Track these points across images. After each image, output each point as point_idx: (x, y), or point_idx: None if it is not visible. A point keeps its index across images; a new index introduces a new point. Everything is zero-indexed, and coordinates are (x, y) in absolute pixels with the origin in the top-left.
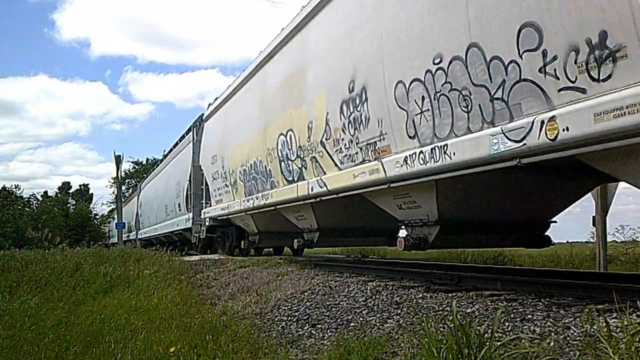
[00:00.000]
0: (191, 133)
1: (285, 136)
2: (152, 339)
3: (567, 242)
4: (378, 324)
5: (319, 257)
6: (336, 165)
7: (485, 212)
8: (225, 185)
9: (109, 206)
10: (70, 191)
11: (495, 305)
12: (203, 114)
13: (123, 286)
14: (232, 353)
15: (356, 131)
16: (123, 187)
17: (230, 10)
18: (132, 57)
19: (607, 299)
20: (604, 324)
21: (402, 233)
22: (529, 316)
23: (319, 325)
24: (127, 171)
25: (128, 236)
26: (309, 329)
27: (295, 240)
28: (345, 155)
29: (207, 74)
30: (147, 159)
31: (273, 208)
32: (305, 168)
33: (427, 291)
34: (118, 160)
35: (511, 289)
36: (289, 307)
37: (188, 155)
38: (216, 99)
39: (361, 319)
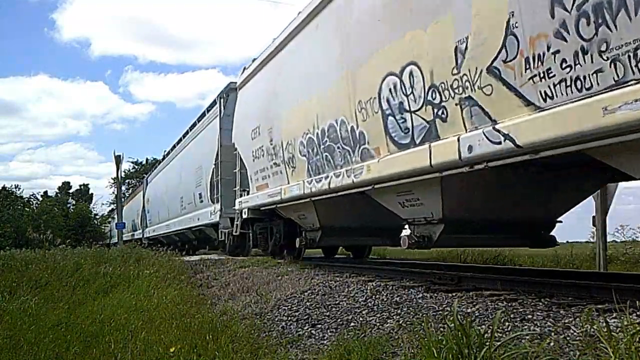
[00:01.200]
0: (217, 106)
1: (400, 76)
2: (152, 339)
3: (567, 242)
4: (378, 324)
5: (319, 257)
6: (529, 103)
7: None
8: (274, 164)
9: (109, 206)
10: (70, 191)
11: (495, 305)
12: (232, 83)
13: (123, 286)
14: (232, 353)
15: (602, 28)
16: (123, 187)
17: (231, 10)
18: (133, 57)
19: (607, 299)
20: (604, 324)
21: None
22: (529, 316)
23: (319, 325)
24: (127, 171)
25: (133, 235)
26: (309, 329)
27: (405, 237)
28: (562, 80)
29: (207, 74)
30: (147, 159)
31: (368, 188)
32: (444, 120)
33: (427, 291)
34: (118, 160)
35: (511, 289)
36: (289, 307)
37: (213, 134)
38: (254, 59)
39: (361, 319)
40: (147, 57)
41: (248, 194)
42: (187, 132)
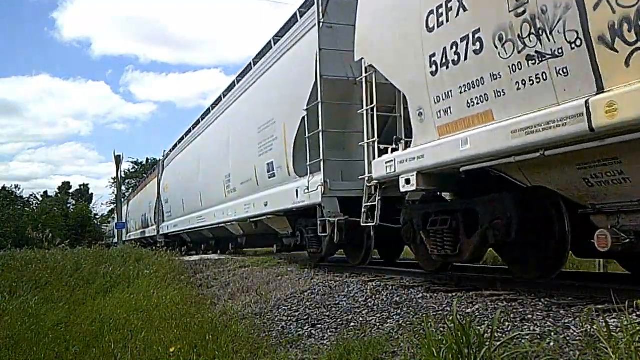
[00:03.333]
0: (313, 12)
1: None
2: (152, 339)
3: None
4: (378, 324)
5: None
6: None
7: None
8: (536, 56)
9: (109, 206)
10: (70, 191)
11: (495, 306)
12: None
13: (123, 286)
14: (232, 353)
15: None
16: (123, 187)
17: (233, 10)
18: (134, 57)
19: (607, 299)
20: (604, 324)
21: None
22: (529, 316)
23: (319, 325)
24: (127, 171)
25: (143, 233)
26: (309, 329)
27: None
28: None
29: (209, 73)
30: (147, 159)
31: None
32: None
33: (427, 291)
34: (118, 160)
35: (511, 289)
36: (289, 307)
37: (305, 59)
38: None
39: (361, 319)
40: (148, 57)
41: (405, 147)
42: (234, 84)
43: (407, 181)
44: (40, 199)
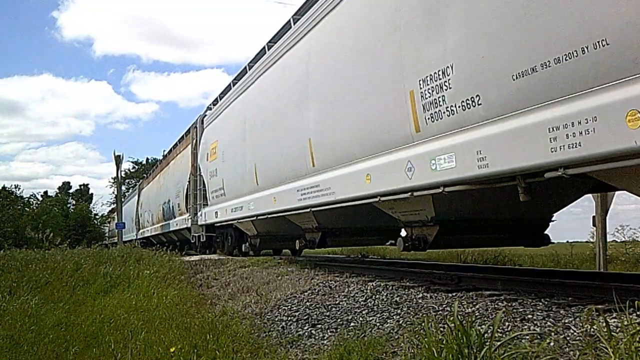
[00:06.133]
0: None
1: None
2: (152, 339)
3: (567, 241)
4: (378, 324)
5: (319, 257)
6: None
7: None
8: None
9: (109, 205)
10: (70, 191)
11: (496, 305)
12: None
13: (123, 286)
14: (232, 353)
15: None
16: (123, 187)
17: (236, 10)
18: (136, 57)
19: (607, 299)
20: (604, 324)
21: None
22: (529, 316)
23: (319, 325)
24: (127, 171)
25: (164, 227)
26: (309, 329)
27: None
28: None
29: (211, 73)
30: (147, 159)
31: None
32: None
33: (427, 291)
34: (118, 160)
35: (511, 289)
36: (289, 307)
37: None
38: None
39: (361, 319)
40: (150, 57)
41: None
42: None
43: None
44: (40, 199)
